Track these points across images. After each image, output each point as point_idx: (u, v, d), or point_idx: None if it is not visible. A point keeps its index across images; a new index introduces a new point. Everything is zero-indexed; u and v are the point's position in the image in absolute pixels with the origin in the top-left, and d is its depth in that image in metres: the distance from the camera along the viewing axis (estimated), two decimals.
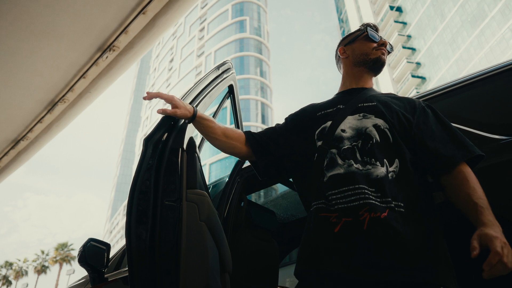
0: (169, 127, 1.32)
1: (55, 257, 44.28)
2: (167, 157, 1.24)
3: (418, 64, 42.56)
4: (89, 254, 1.94)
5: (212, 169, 33.57)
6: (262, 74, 45.96)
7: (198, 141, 1.67)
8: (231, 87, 1.89)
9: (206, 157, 33.30)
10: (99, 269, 2.02)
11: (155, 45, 68.20)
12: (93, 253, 1.96)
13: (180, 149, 1.27)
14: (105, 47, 2.28)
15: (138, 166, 1.23)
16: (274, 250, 2.18)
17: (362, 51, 1.38)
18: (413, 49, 43.88)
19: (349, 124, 1.19)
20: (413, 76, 41.55)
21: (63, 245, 44.93)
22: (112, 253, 2.29)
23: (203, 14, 54.22)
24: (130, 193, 1.20)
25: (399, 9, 46.44)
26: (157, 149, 1.25)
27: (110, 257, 2.19)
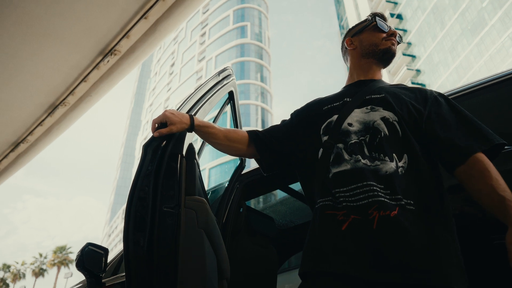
0: (169, 134, 1.32)
1: (53, 260, 44.12)
2: (166, 163, 1.23)
3: (418, 71, 42.73)
4: (87, 259, 1.92)
5: (212, 174, 33.54)
6: (263, 80, 46.10)
7: (199, 146, 1.67)
8: (231, 94, 1.89)
9: (206, 162, 33.30)
10: (97, 274, 2.00)
11: (157, 50, 68.41)
12: (91, 258, 1.94)
13: (180, 156, 1.26)
14: (107, 51, 2.28)
15: (137, 172, 1.22)
16: (273, 256, 2.17)
17: (371, 42, 1.31)
18: (413, 56, 44.07)
19: (356, 118, 1.13)
20: (413, 83, 41.66)
21: (61, 248, 44.81)
22: (111, 257, 2.28)
23: (205, 20, 54.50)
24: (129, 199, 1.19)
25: (400, 17, 46.69)
26: (156, 155, 1.24)
27: (108, 262, 2.18)
